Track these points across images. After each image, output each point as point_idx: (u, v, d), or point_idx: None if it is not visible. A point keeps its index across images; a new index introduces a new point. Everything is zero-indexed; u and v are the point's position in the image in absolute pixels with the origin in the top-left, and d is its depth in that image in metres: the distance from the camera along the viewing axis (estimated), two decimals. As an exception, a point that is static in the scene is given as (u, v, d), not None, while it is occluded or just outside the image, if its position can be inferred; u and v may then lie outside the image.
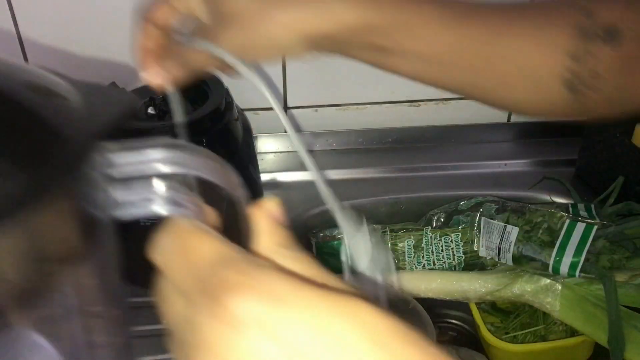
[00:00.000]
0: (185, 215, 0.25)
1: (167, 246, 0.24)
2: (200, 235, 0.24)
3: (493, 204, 0.71)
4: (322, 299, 0.22)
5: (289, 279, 0.22)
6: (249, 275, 0.22)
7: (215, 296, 0.22)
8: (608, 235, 0.64)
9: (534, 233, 0.65)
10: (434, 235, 0.72)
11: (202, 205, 0.25)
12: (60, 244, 0.21)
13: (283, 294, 0.22)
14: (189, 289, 0.23)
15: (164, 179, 0.24)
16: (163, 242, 0.24)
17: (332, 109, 0.91)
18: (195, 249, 0.24)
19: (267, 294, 0.21)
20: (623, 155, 0.76)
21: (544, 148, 0.92)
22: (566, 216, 0.65)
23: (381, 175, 0.88)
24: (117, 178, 0.23)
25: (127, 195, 0.23)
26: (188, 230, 0.24)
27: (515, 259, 0.66)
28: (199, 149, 0.24)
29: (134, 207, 0.24)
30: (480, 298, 0.67)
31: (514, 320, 0.70)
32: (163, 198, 0.24)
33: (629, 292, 0.61)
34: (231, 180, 0.25)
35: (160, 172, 0.23)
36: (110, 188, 0.23)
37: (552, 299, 0.64)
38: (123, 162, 0.23)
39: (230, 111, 0.67)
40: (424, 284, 0.67)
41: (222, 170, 0.25)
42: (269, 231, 0.26)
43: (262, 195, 0.76)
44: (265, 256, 0.25)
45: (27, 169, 0.19)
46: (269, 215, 0.26)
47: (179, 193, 0.24)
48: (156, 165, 0.23)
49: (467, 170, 0.88)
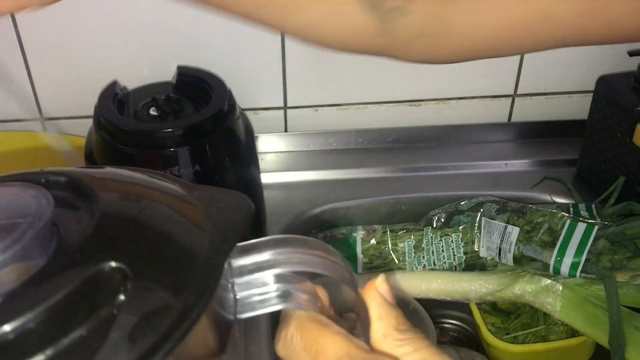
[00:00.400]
0: (301, 308, 0.26)
1: (292, 342, 0.25)
2: (325, 332, 0.25)
3: (494, 204, 0.71)
4: None
5: None
6: None
7: None
8: (609, 236, 0.64)
9: (534, 233, 0.65)
10: (435, 235, 0.71)
11: (316, 294, 0.27)
12: (202, 346, 0.23)
13: None
14: None
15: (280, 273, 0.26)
16: (287, 337, 0.25)
17: (332, 109, 0.91)
18: (322, 346, 0.24)
19: None
20: (624, 155, 0.76)
21: (544, 148, 0.91)
22: (567, 216, 0.65)
23: (381, 175, 0.88)
24: (237, 281, 0.25)
25: (247, 295, 0.25)
26: (311, 327, 0.25)
27: (516, 260, 0.66)
28: (309, 242, 0.26)
29: (254, 305, 0.26)
30: (480, 298, 0.66)
31: (514, 320, 0.69)
32: (279, 293, 0.26)
33: (630, 292, 0.61)
34: (341, 269, 0.26)
35: (275, 272, 0.25)
36: (233, 291, 0.25)
37: (552, 299, 0.64)
38: (242, 265, 0.25)
39: (233, 112, 0.67)
40: (424, 284, 0.67)
41: (332, 261, 0.26)
42: (384, 315, 0.26)
43: (263, 195, 0.76)
44: (383, 340, 0.26)
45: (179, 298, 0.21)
46: (380, 298, 0.27)
47: (294, 285, 0.26)
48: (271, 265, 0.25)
49: (467, 170, 0.88)
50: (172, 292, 0.22)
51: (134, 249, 0.23)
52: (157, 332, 0.20)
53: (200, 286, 0.22)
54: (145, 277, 0.22)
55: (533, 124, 0.92)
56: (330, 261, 0.26)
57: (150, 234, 0.24)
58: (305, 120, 0.91)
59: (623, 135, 0.76)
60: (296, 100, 0.89)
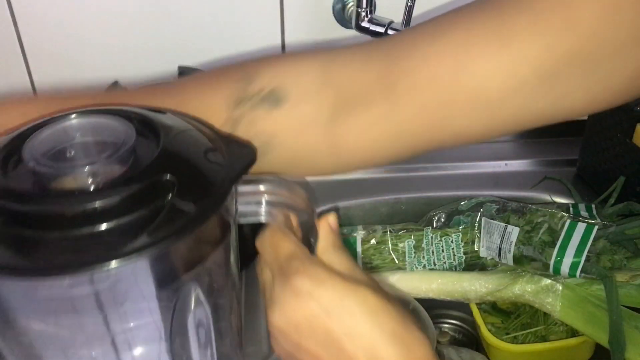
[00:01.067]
0: (277, 223, 0.41)
1: (265, 241, 0.40)
2: (284, 238, 0.40)
3: (494, 204, 0.71)
4: (345, 284, 0.37)
5: (329, 271, 0.38)
6: (306, 267, 0.38)
7: (287, 275, 0.37)
8: (609, 236, 0.64)
9: (534, 233, 0.65)
10: (435, 235, 0.71)
11: (289, 217, 0.41)
12: (212, 236, 0.38)
13: (323, 279, 0.37)
14: (274, 268, 0.39)
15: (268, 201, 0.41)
16: (263, 238, 0.40)
17: (333, 108, 0.90)
18: (280, 245, 0.39)
19: (314, 278, 0.37)
20: (624, 155, 0.76)
21: (544, 148, 0.92)
22: (567, 216, 0.65)
23: (381, 175, 0.88)
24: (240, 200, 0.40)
25: (245, 210, 0.40)
26: (277, 234, 0.40)
27: (516, 259, 0.66)
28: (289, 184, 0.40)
29: (248, 216, 0.41)
30: (480, 298, 0.67)
31: (514, 320, 0.69)
32: (265, 212, 0.41)
33: (630, 292, 0.61)
34: (304, 203, 0.40)
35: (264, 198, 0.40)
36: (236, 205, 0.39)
37: (552, 299, 0.64)
38: (243, 190, 0.40)
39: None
40: (424, 284, 0.67)
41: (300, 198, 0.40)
42: (326, 236, 0.41)
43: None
44: (321, 253, 0.40)
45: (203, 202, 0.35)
46: (327, 226, 0.41)
47: (275, 209, 0.40)
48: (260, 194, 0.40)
49: (467, 170, 0.88)
50: (200, 198, 0.35)
51: (180, 169, 0.36)
52: (188, 218, 0.34)
53: (216, 197, 0.36)
54: (185, 187, 0.35)
55: (533, 124, 0.92)
56: (300, 198, 0.40)
57: (192, 160, 0.38)
58: (305, 120, 0.91)
59: (623, 135, 0.76)
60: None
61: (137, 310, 0.37)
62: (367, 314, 0.37)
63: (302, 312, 0.37)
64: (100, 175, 0.35)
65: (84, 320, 0.36)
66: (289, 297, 0.38)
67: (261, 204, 0.40)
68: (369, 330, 0.37)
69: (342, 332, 0.37)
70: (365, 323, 0.37)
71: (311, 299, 0.37)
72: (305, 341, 0.38)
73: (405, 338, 0.37)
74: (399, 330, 0.37)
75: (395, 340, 0.37)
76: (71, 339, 0.37)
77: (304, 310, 0.37)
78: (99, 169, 0.35)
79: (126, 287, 0.35)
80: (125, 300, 0.36)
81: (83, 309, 0.35)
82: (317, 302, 0.37)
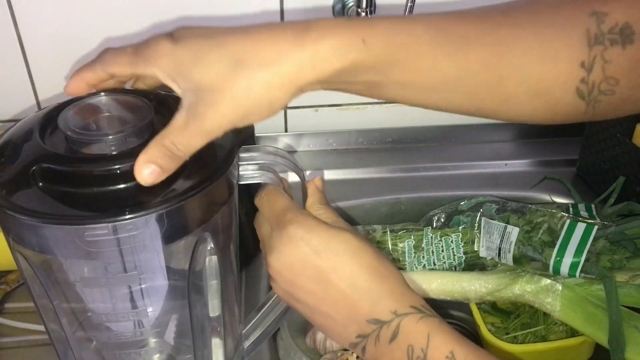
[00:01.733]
0: (272, 183, 0.50)
1: (263, 198, 0.49)
2: (278, 195, 0.49)
3: (493, 204, 0.71)
4: (330, 230, 0.46)
5: (317, 220, 0.47)
6: (299, 218, 0.46)
7: (283, 225, 0.46)
8: (608, 236, 0.64)
9: (534, 233, 0.65)
10: (435, 235, 0.72)
11: (283, 179, 0.50)
12: (219, 195, 0.46)
13: (313, 226, 0.46)
14: (271, 221, 0.48)
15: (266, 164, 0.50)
16: (261, 196, 0.50)
17: (332, 109, 0.91)
18: (275, 202, 0.48)
19: (305, 226, 0.46)
20: (624, 155, 0.76)
21: (544, 148, 0.92)
22: (567, 216, 0.65)
23: (381, 175, 0.88)
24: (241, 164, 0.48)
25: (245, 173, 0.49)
26: (273, 192, 0.49)
27: (516, 259, 0.66)
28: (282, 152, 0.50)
29: (248, 178, 0.49)
30: (480, 298, 0.67)
31: (514, 320, 0.70)
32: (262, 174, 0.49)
33: (630, 292, 0.61)
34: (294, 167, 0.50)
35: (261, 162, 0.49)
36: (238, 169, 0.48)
37: (552, 299, 0.64)
38: (245, 157, 0.49)
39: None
40: (424, 284, 0.67)
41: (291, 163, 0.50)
42: (313, 194, 0.50)
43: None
44: (309, 207, 0.50)
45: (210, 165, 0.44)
46: (314, 185, 0.51)
47: (270, 173, 0.50)
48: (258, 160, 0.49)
49: (467, 170, 0.89)
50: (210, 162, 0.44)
51: None
52: (200, 177, 0.43)
53: (224, 161, 0.45)
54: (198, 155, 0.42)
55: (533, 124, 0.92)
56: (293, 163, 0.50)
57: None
58: (305, 120, 0.91)
59: (623, 135, 0.76)
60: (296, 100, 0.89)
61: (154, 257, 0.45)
62: (348, 252, 0.45)
63: (296, 253, 0.45)
64: (123, 144, 0.43)
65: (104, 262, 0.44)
66: (285, 242, 0.45)
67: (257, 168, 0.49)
68: (350, 264, 0.45)
69: (328, 268, 0.44)
70: (348, 259, 0.45)
71: (303, 243, 0.45)
72: (298, 278, 0.46)
73: (380, 270, 0.45)
74: (374, 263, 0.45)
75: (372, 271, 0.45)
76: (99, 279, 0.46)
77: (297, 252, 0.45)
78: (122, 139, 0.43)
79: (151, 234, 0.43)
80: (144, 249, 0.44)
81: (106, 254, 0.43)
82: (308, 245, 0.45)
